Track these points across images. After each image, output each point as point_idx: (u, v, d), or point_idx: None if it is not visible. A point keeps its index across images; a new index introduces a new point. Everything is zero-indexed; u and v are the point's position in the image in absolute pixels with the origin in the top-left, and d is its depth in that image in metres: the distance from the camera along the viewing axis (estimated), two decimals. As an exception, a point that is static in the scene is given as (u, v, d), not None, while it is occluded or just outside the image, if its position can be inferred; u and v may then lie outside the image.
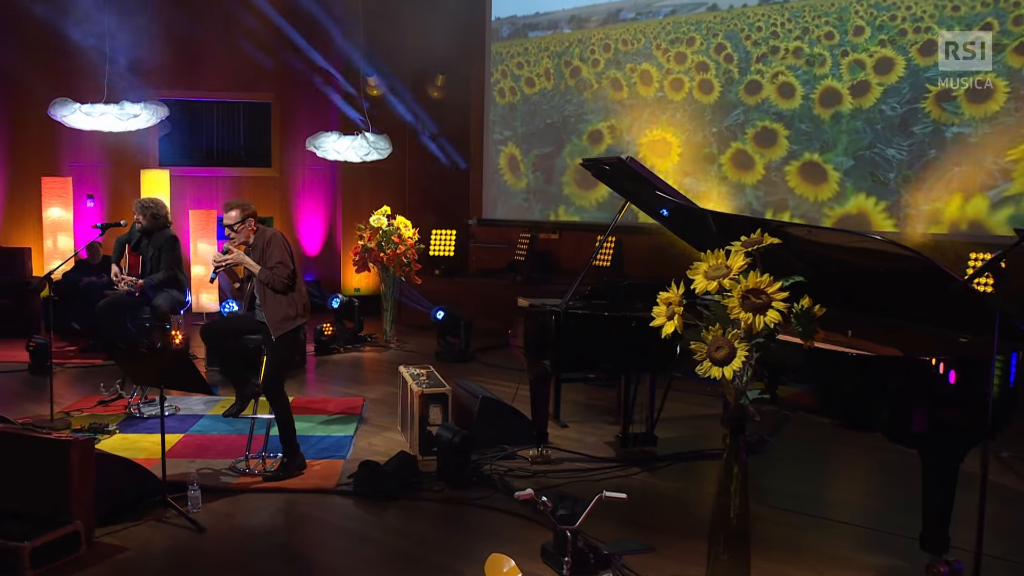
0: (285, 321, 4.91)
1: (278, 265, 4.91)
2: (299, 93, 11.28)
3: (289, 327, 4.93)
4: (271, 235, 5.02)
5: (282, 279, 4.89)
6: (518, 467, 5.25)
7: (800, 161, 8.57)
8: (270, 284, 4.88)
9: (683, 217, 5.09)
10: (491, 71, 11.18)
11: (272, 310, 4.89)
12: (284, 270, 4.91)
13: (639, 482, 5.13)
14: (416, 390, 5.36)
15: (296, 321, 4.96)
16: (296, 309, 4.96)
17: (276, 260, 4.92)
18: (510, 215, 10.99)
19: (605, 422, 6.37)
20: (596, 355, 5.08)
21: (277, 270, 4.90)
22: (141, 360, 4.36)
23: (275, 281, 4.88)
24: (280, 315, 4.89)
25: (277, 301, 4.90)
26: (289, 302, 4.93)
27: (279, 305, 4.90)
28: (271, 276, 4.89)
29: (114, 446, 5.49)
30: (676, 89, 9.46)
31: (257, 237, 5.04)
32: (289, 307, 4.92)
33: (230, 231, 4.98)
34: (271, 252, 4.93)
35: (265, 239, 4.99)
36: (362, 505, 4.67)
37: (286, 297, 4.92)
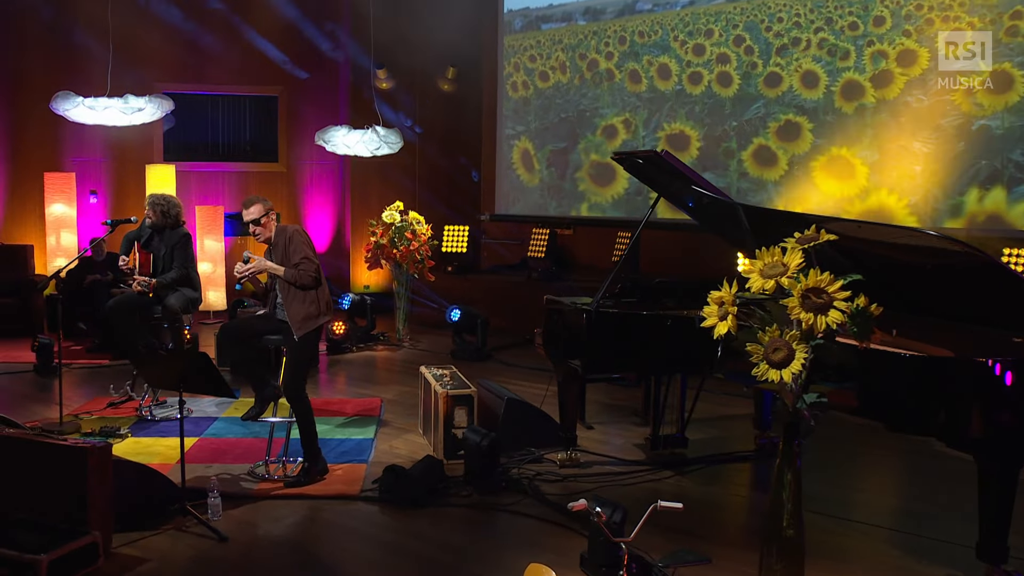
0: (308, 320, 4.77)
1: (303, 261, 4.77)
2: (307, 86, 11.12)
3: (312, 326, 4.78)
4: (292, 232, 4.87)
5: (309, 275, 4.76)
6: (546, 471, 5.12)
7: (825, 156, 8.42)
8: (297, 282, 4.74)
9: (717, 212, 4.95)
10: (503, 64, 11.04)
11: (295, 309, 4.75)
12: (310, 265, 4.77)
13: (673, 486, 5.01)
14: (440, 392, 5.22)
15: (319, 320, 4.82)
16: (319, 307, 4.82)
17: (301, 256, 4.78)
18: (523, 211, 10.86)
19: (631, 423, 6.24)
20: (629, 355, 4.94)
21: (303, 266, 4.76)
22: (160, 362, 4.22)
23: (302, 278, 4.74)
24: (303, 313, 4.75)
25: (300, 299, 4.76)
26: (312, 299, 4.79)
27: (302, 303, 4.76)
28: (297, 274, 4.74)
29: (127, 450, 5.35)
30: (695, 82, 9.32)
31: (277, 235, 4.89)
32: (312, 305, 4.78)
33: (254, 227, 4.83)
34: (294, 249, 4.79)
35: (286, 236, 4.84)
36: (388, 512, 4.54)
37: (309, 294, 4.78)
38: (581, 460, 5.27)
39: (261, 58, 10.89)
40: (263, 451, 5.31)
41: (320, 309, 4.83)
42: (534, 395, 6.13)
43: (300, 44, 10.94)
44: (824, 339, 3.15)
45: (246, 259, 4.82)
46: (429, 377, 5.60)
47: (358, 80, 10.85)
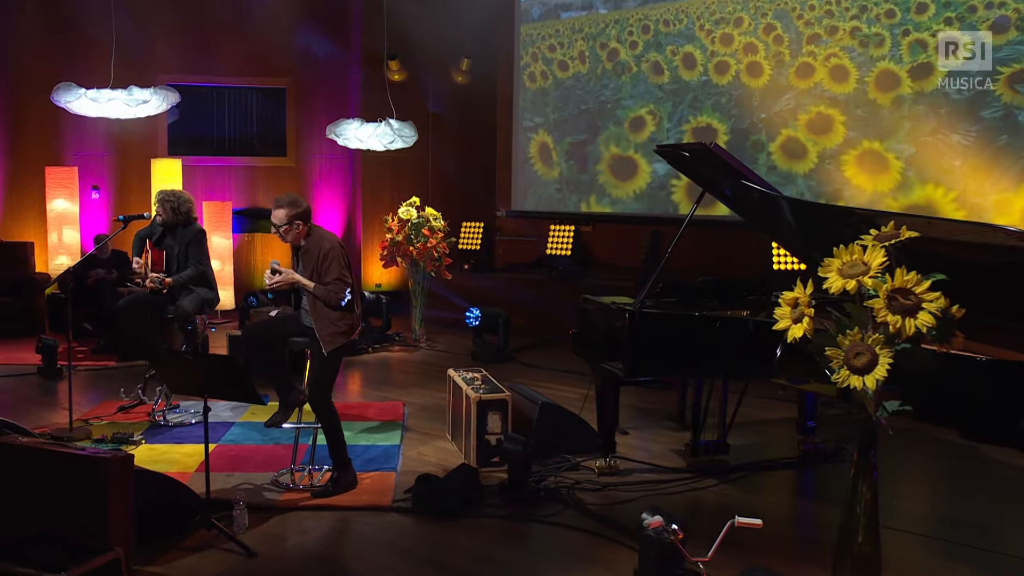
0: (336, 335, 4.58)
1: (335, 282, 4.57)
2: (316, 78, 10.93)
3: (340, 342, 4.60)
4: (329, 247, 4.63)
5: (338, 298, 4.56)
6: (584, 479, 4.96)
7: (858, 149, 8.25)
8: (326, 301, 4.55)
9: (767, 208, 4.78)
10: (521, 54, 10.85)
11: (324, 325, 4.56)
12: (342, 288, 4.57)
13: (717, 495, 4.85)
14: (473, 396, 5.05)
15: (346, 336, 4.64)
16: (348, 324, 4.63)
17: (333, 276, 4.57)
18: (540, 206, 10.67)
19: (666, 428, 6.08)
20: (675, 358, 4.77)
21: (334, 287, 4.56)
22: (183, 366, 4.04)
23: (330, 299, 4.56)
24: (330, 329, 4.57)
25: (327, 315, 4.57)
26: (340, 317, 4.60)
27: (328, 319, 4.57)
28: (327, 293, 4.55)
29: (142, 458, 5.16)
30: (721, 72, 9.14)
31: (312, 242, 4.67)
32: (340, 322, 4.59)
33: (275, 232, 4.64)
34: (329, 266, 4.57)
35: (322, 250, 4.61)
36: (423, 523, 4.38)
37: (336, 313, 4.59)
38: (620, 467, 5.10)
39: (269, 49, 10.70)
40: (286, 458, 5.15)
41: (350, 325, 4.64)
42: (562, 398, 5.97)
43: (309, 34, 10.74)
44: (909, 343, 2.99)
45: (273, 270, 4.63)
46: (459, 381, 5.42)
47: (369, 72, 10.65)
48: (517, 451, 4.57)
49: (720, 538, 2.96)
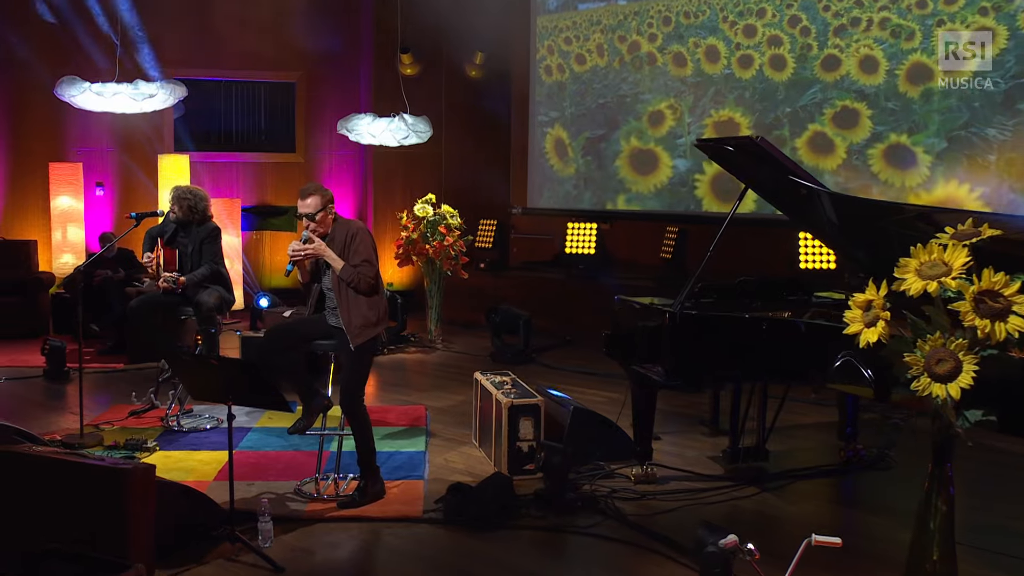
0: (366, 327, 4.40)
1: (363, 263, 4.40)
2: (326, 72, 10.74)
3: (370, 334, 4.43)
4: (356, 229, 4.50)
5: (368, 279, 4.40)
6: (621, 487, 4.78)
7: (885, 143, 8.06)
8: (353, 283, 4.37)
9: (814, 204, 4.59)
10: (536, 47, 10.65)
11: (352, 314, 4.38)
12: (370, 269, 4.41)
13: (760, 504, 4.67)
14: (504, 401, 4.87)
15: (377, 328, 4.47)
16: (377, 314, 4.46)
17: (362, 258, 4.41)
18: (556, 203, 10.47)
19: (699, 432, 5.90)
20: (718, 361, 4.59)
21: (363, 269, 4.40)
22: (206, 371, 3.85)
23: (360, 281, 4.38)
24: (360, 320, 4.39)
25: (357, 304, 4.39)
26: (370, 305, 4.43)
27: (359, 308, 4.39)
28: (356, 274, 4.37)
29: (156, 466, 4.97)
30: (745, 66, 8.94)
31: (337, 229, 4.51)
32: (370, 311, 4.42)
33: (308, 221, 4.46)
34: (356, 248, 4.42)
35: (349, 233, 4.46)
36: (456, 535, 4.20)
37: (367, 300, 4.42)
38: (657, 475, 4.92)
39: (278, 42, 10.50)
40: (308, 466, 4.98)
41: (379, 316, 4.48)
42: (587, 402, 5.79)
43: (319, 27, 10.55)
44: (996, 349, 2.80)
45: (305, 238, 4.45)
46: (487, 385, 5.24)
47: (381, 66, 10.46)
48: (555, 459, 4.38)
49: (797, 558, 2.77)
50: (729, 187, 9.06)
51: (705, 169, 9.22)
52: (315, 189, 4.48)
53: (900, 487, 4.92)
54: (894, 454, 5.35)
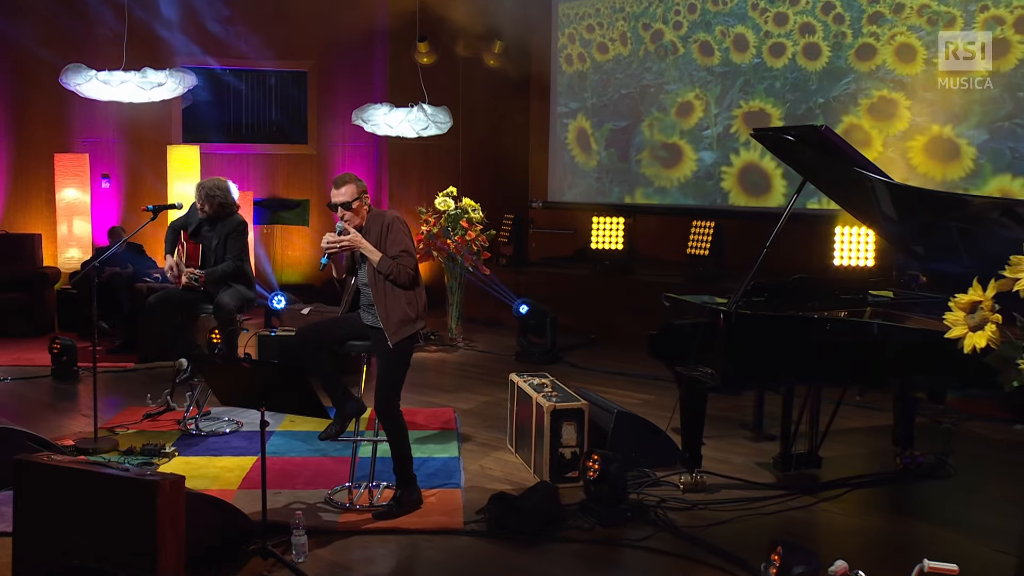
0: (405, 324, 4.17)
1: (402, 254, 4.17)
2: (340, 61, 10.48)
3: (408, 331, 4.19)
4: (391, 219, 4.26)
5: (408, 271, 4.16)
6: (669, 495, 4.55)
7: (926, 135, 7.83)
8: (393, 276, 4.13)
9: (885, 198, 4.36)
10: (557, 35, 10.41)
11: (391, 310, 4.15)
12: (410, 261, 4.18)
13: (820, 516, 4.45)
14: (546, 405, 4.64)
15: (416, 324, 4.24)
16: (416, 309, 4.23)
17: (400, 248, 4.18)
18: (578, 197, 10.24)
19: (742, 437, 5.67)
20: (777, 364, 4.35)
21: (402, 260, 4.16)
22: (236, 374, 3.61)
23: (399, 274, 4.14)
24: (399, 316, 4.16)
25: (396, 299, 4.16)
26: (409, 300, 4.20)
27: (398, 303, 4.16)
28: (395, 267, 4.14)
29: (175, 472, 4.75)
30: (776, 55, 8.70)
31: (371, 220, 4.28)
32: (409, 306, 4.19)
33: (343, 211, 4.21)
34: (392, 239, 4.19)
35: (384, 223, 4.23)
36: (501, 548, 3.98)
37: (406, 294, 4.19)
38: (707, 483, 4.69)
39: (290, 30, 10.25)
40: (337, 473, 4.77)
41: (418, 312, 4.25)
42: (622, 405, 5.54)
43: (332, 14, 10.30)
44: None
45: (340, 229, 4.21)
46: (526, 387, 5.01)
47: (397, 54, 10.21)
48: (615, 469, 4.15)
49: (911, 586, 2.55)
50: (757, 180, 8.85)
51: (733, 162, 8.99)
52: (349, 178, 4.24)
53: (964, 498, 4.69)
54: (952, 461, 5.12)
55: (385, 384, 4.22)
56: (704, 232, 8.49)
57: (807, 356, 4.26)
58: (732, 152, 9.01)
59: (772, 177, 8.74)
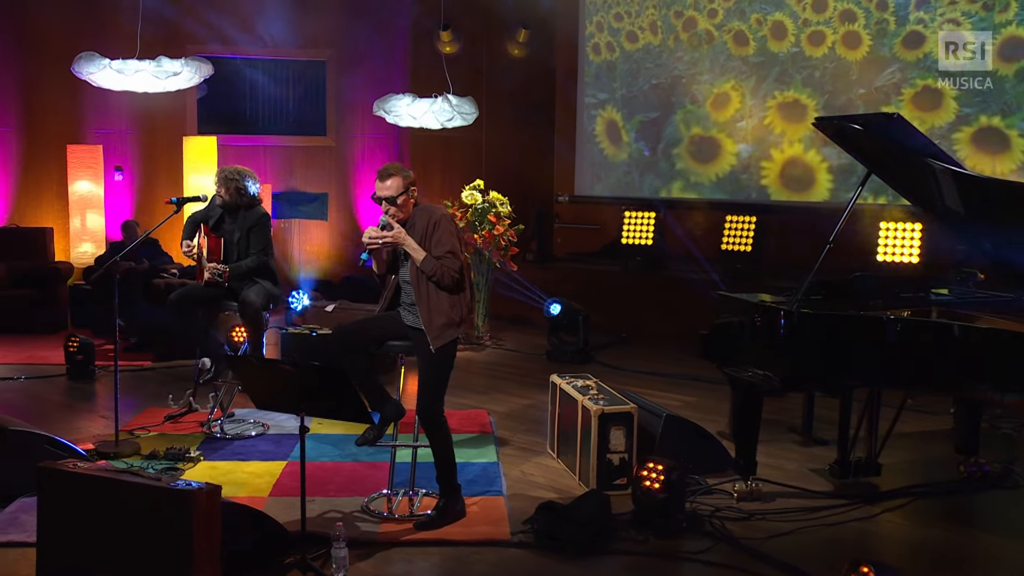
0: (448, 328, 3.99)
1: (448, 255, 3.98)
2: (359, 50, 10.29)
3: (451, 335, 4.01)
4: (439, 216, 4.07)
5: (452, 273, 3.97)
6: (723, 504, 4.36)
7: (973, 127, 7.60)
8: (437, 277, 3.94)
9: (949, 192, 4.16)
10: (584, 24, 10.20)
11: (435, 312, 3.97)
12: (455, 262, 3.99)
13: (887, 527, 4.26)
14: (594, 409, 4.45)
15: (459, 328, 4.06)
16: (460, 313, 4.05)
17: (446, 248, 3.99)
18: (607, 191, 10.03)
19: (791, 441, 5.47)
20: (842, 366, 4.15)
21: (447, 261, 3.97)
22: (276, 377, 3.43)
23: (444, 275, 3.95)
24: (442, 319, 3.97)
25: (439, 301, 3.98)
26: (453, 303, 4.02)
27: (440, 306, 3.97)
28: (439, 268, 3.95)
29: (200, 478, 4.57)
30: (815, 43, 8.48)
31: (417, 215, 4.08)
32: (453, 310, 4.01)
33: (388, 205, 4.02)
34: (439, 237, 3.99)
35: (431, 220, 4.04)
36: (551, 560, 3.80)
37: (449, 297, 4.00)
38: (763, 491, 4.50)
39: (308, 18, 10.06)
40: (372, 479, 4.60)
41: (462, 315, 4.07)
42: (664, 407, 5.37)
43: (352, 2, 10.11)
44: None
45: (384, 224, 4.01)
46: (569, 389, 4.82)
47: (419, 43, 10.01)
48: (677, 478, 3.96)
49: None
50: (799, 174, 8.64)
51: (773, 156, 8.77)
52: (396, 170, 4.05)
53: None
54: (1019, 469, 4.92)
55: (428, 390, 4.03)
56: (743, 227, 8.28)
57: (877, 358, 4.06)
58: (771, 146, 8.80)
59: (816, 171, 8.52)
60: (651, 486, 4.03)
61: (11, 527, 3.99)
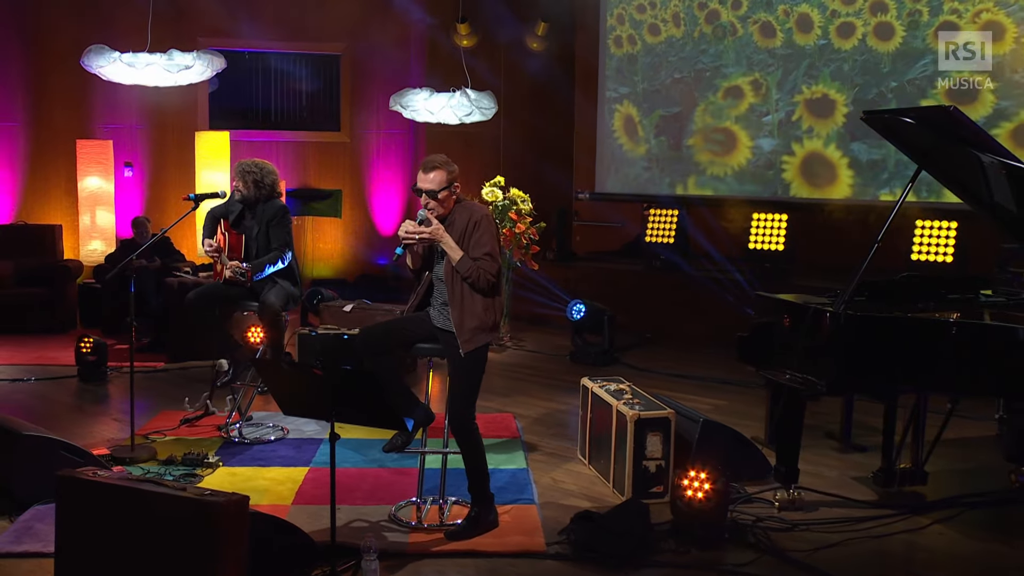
0: (480, 332, 3.87)
1: (485, 257, 3.85)
2: (374, 44, 10.18)
3: (483, 340, 3.90)
4: (480, 215, 3.93)
5: (489, 276, 3.85)
6: (765, 514, 4.22)
7: (1014, 122, 7.44)
8: (471, 279, 3.82)
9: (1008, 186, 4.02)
10: (605, 16, 10.07)
11: (465, 314, 3.85)
12: (492, 266, 3.86)
13: (941, 540, 4.11)
14: (629, 413, 4.32)
15: (491, 334, 3.94)
16: (493, 317, 3.93)
17: (484, 250, 3.85)
18: (625, 187, 9.90)
19: (829, 447, 5.33)
20: (893, 371, 4.02)
21: (484, 263, 3.84)
22: (307, 382, 3.30)
23: (479, 277, 3.83)
24: (474, 322, 3.85)
25: (472, 303, 3.86)
26: (487, 306, 3.90)
27: (474, 309, 3.85)
28: (475, 269, 3.83)
29: (221, 485, 4.47)
30: (844, 35, 8.33)
31: (458, 212, 3.95)
32: (486, 313, 3.89)
33: (428, 200, 3.90)
34: (478, 238, 3.86)
35: (472, 219, 3.91)
36: (587, 573, 3.67)
37: (484, 300, 3.88)
38: (806, 500, 4.37)
39: (321, 11, 9.95)
40: (399, 487, 4.50)
41: (495, 320, 3.95)
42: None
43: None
44: None
45: (422, 219, 3.89)
46: (603, 393, 4.69)
47: (435, 37, 9.89)
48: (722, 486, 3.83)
49: None
50: (822, 171, 8.49)
51: (795, 150, 8.63)
52: (441, 163, 3.92)
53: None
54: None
55: (458, 396, 3.91)
56: (773, 226, 8.13)
57: (931, 363, 3.92)
58: (794, 140, 8.65)
59: (837, 167, 8.38)
60: (692, 495, 3.91)
61: (26, 536, 3.88)
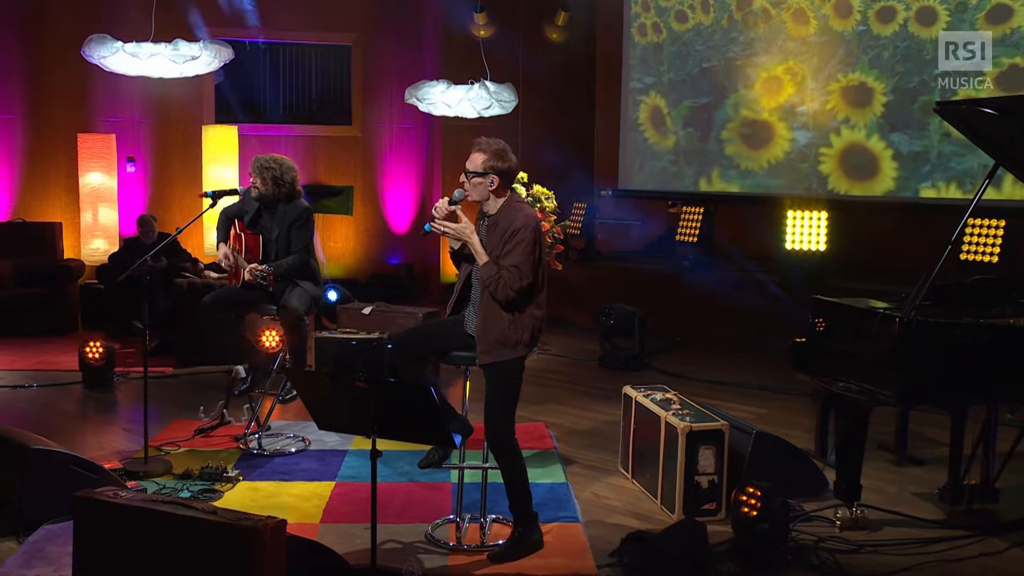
0: (501, 346, 3.67)
1: (512, 269, 3.61)
2: (387, 34, 10.02)
3: (504, 356, 3.68)
4: (523, 223, 3.66)
5: (508, 290, 3.61)
6: (825, 533, 4.04)
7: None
8: (491, 287, 3.63)
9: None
10: (629, 4, 9.90)
11: (488, 323, 3.67)
12: (516, 279, 3.60)
13: (1019, 562, 3.90)
14: (680, 425, 4.14)
15: (515, 351, 3.71)
16: (520, 335, 3.69)
17: (512, 262, 3.61)
18: (651, 183, 9.72)
19: (884, 460, 5.13)
20: (970, 380, 3.84)
21: (506, 275, 3.60)
22: (346, 395, 3.11)
23: (498, 289, 3.62)
24: (496, 334, 3.66)
25: (499, 314, 3.66)
26: (514, 321, 3.67)
27: (497, 320, 3.65)
28: (496, 279, 3.61)
29: (243, 501, 4.30)
30: (884, 20, 8.14)
31: (503, 212, 3.74)
32: (511, 327, 3.67)
33: (465, 178, 3.72)
34: (513, 246, 3.63)
35: (513, 224, 3.67)
36: (646, 601, 3.48)
37: (509, 315, 3.67)
38: (869, 519, 4.18)
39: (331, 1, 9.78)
40: (434, 504, 4.33)
41: (521, 338, 3.69)
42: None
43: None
44: None
45: (453, 201, 3.71)
46: (648, 403, 4.51)
47: (451, 27, 9.71)
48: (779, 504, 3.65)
49: None
50: (862, 163, 8.31)
51: (832, 142, 8.45)
52: (484, 146, 3.70)
53: None
54: None
55: (492, 412, 3.72)
56: (812, 224, 7.93)
57: (1010, 372, 3.74)
58: (832, 132, 8.47)
59: (880, 159, 8.19)
60: (751, 514, 3.74)
61: (36, 559, 3.70)
